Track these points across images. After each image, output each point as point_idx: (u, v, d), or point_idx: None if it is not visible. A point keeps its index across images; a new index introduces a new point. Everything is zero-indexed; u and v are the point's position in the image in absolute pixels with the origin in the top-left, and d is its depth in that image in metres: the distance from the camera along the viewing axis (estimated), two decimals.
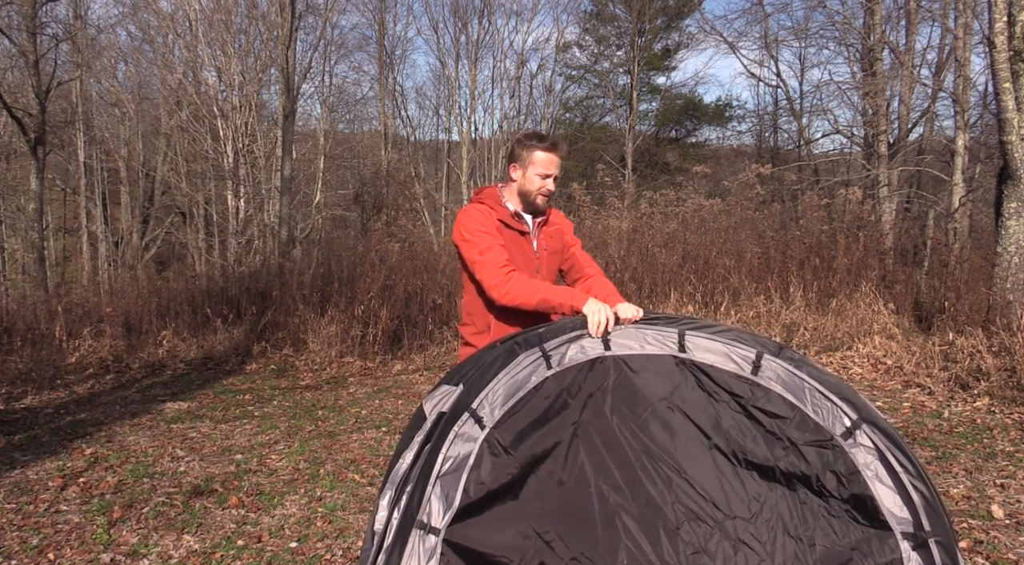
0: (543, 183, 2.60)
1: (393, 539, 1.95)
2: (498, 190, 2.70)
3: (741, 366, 2.21)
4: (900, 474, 2.04)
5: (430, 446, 2.03)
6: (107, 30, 22.33)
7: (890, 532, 2.01)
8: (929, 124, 14.38)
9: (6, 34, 13.79)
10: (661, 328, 2.27)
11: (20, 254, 21.84)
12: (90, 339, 8.05)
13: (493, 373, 2.11)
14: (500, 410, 2.08)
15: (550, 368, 2.15)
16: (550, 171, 2.60)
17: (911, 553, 1.99)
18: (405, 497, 1.99)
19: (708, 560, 2.14)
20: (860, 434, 2.10)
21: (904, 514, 2.02)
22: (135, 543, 3.40)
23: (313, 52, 20.15)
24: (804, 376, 2.18)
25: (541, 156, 2.59)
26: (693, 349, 2.24)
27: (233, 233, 16.68)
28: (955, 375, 5.88)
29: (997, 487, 3.87)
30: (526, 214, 2.67)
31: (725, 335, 2.26)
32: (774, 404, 2.18)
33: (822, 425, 2.13)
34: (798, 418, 2.16)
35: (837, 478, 2.09)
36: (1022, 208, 6.72)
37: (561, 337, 2.20)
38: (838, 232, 8.69)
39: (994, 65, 6.73)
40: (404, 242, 9.93)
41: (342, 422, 5.51)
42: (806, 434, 2.14)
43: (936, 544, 1.97)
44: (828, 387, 2.16)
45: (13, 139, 19.77)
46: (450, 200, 22.72)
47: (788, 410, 2.17)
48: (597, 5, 23.68)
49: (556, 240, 2.75)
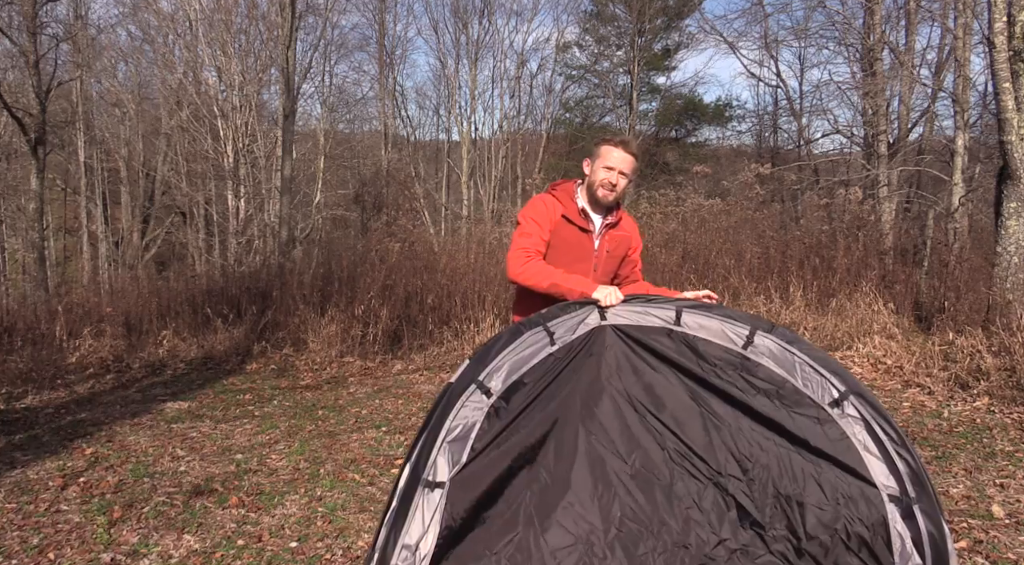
0: (607, 175, 2.70)
1: (400, 499, 2.05)
2: (575, 186, 2.82)
3: (734, 341, 2.32)
4: (886, 443, 2.11)
5: (437, 413, 2.13)
6: (107, 30, 22.35)
7: (876, 492, 2.09)
8: (929, 124, 14.39)
9: (6, 34, 13.79)
10: (661, 305, 2.40)
11: (20, 254, 21.85)
12: (90, 339, 8.05)
13: (499, 349, 2.22)
14: (505, 382, 2.20)
15: (553, 344, 2.28)
16: (615, 165, 2.70)
17: (897, 517, 2.06)
18: (412, 460, 2.09)
19: (701, 515, 2.25)
20: (848, 405, 2.17)
21: (890, 482, 2.09)
22: (135, 543, 3.40)
23: (313, 52, 20.16)
24: (796, 351, 2.26)
25: (608, 149, 2.72)
26: (688, 324, 2.37)
27: (233, 233, 16.68)
28: (955, 375, 5.88)
29: (997, 487, 3.87)
30: (596, 214, 2.78)
31: (721, 312, 2.38)
32: (763, 375, 2.28)
33: (811, 396, 2.22)
34: (787, 389, 2.25)
35: (826, 447, 2.18)
36: (1022, 208, 6.73)
37: (563, 316, 2.33)
38: (838, 232, 8.70)
39: (994, 65, 6.73)
40: (404, 242, 9.93)
41: (342, 422, 5.51)
42: (795, 405, 2.23)
43: (921, 512, 2.04)
44: (818, 361, 2.25)
45: (13, 139, 19.77)
46: (450, 200, 22.72)
47: (777, 381, 2.27)
48: (597, 5, 23.69)
49: (621, 246, 2.83)
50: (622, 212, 2.84)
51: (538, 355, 2.25)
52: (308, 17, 18.80)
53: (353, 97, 24.28)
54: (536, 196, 2.81)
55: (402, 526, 2.01)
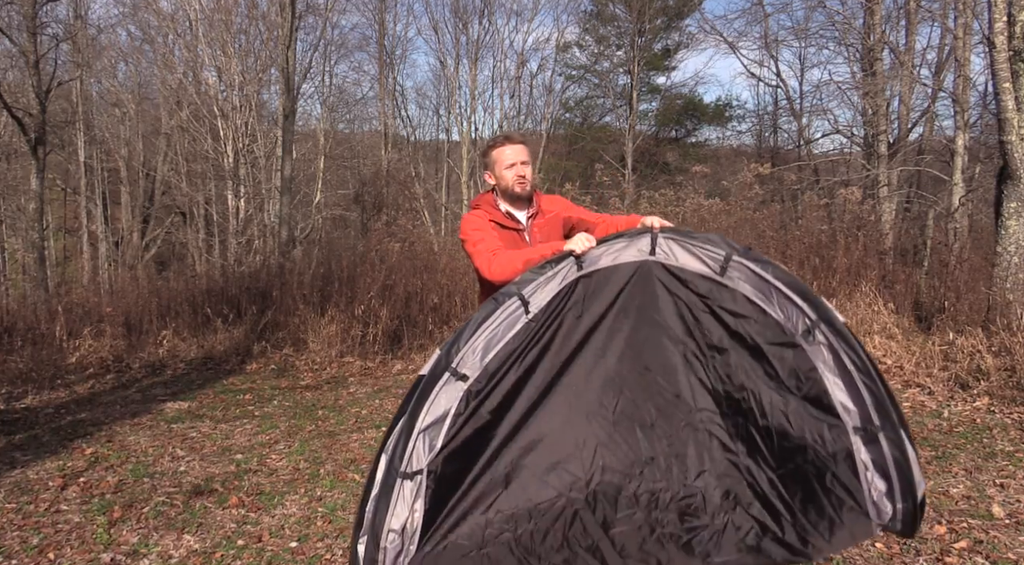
0: (513, 171, 2.80)
1: (379, 491, 2.05)
2: (492, 196, 2.94)
3: (711, 267, 2.33)
4: (852, 372, 2.15)
5: (412, 404, 2.12)
6: (107, 30, 22.34)
7: (842, 424, 2.14)
8: (929, 124, 14.39)
9: (6, 34, 13.79)
10: (635, 237, 2.38)
11: (20, 254, 21.84)
12: (90, 339, 8.05)
13: (474, 328, 2.19)
14: (481, 362, 2.18)
15: (528, 313, 2.26)
16: (514, 159, 2.81)
17: (861, 446, 2.11)
18: (388, 452, 2.08)
19: (682, 447, 2.35)
20: (818, 333, 2.20)
21: (856, 411, 2.14)
22: (135, 543, 3.40)
23: (313, 52, 20.16)
24: (770, 277, 2.28)
25: (499, 152, 2.84)
26: (663, 251, 2.37)
27: (233, 233, 16.68)
28: (955, 375, 5.88)
29: (997, 487, 3.87)
30: (519, 212, 2.88)
31: (697, 238, 2.37)
32: (738, 304, 2.31)
33: (784, 326, 2.25)
34: (761, 319, 2.28)
35: (796, 377, 2.22)
36: (1022, 208, 6.72)
37: (538, 279, 2.29)
38: (838, 232, 8.68)
39: (994, 65, 6.73)
40: (404, 242, 9.93)
41: (342, 422, 5.51)
42: (768, 334, 2.27)
43: (886, 439, 2.08)
44: (791, 287, 2.26)
45: (13, 139, 19.77)
46: (450, 200, 22.71)
47: (752, 310, 2.29)
48: (597, 5, 23.67)
49: (553, 226, 2.89)
50: (538, 197, 2.94)
51: (514, 327, 2.23)
52: (308, 17, 18.80)
53: (353, 97, 24.29)
54: (463, 217, 2.94)
55: (385, 513, 2.03)
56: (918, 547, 3.19)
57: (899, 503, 2.06)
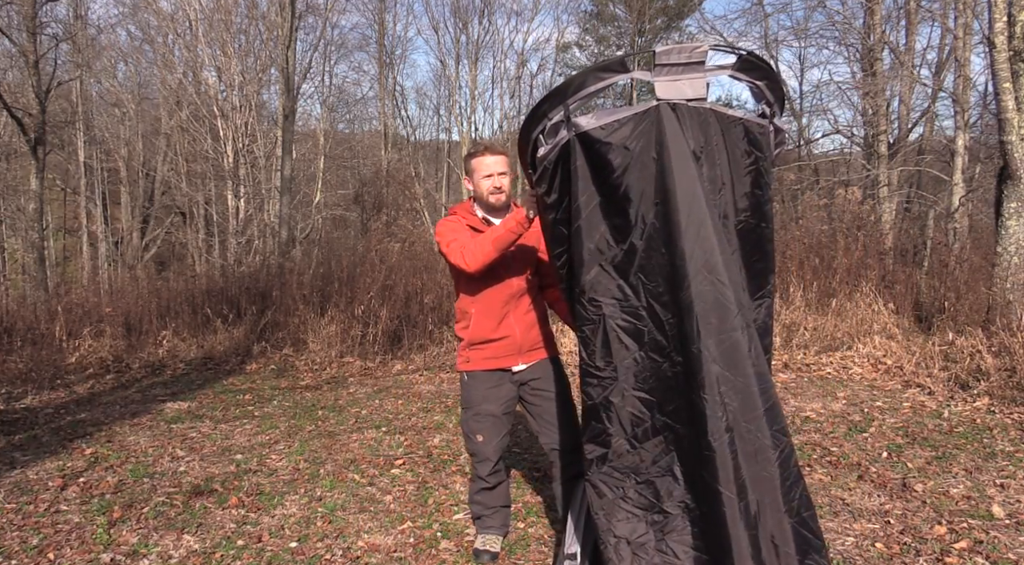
0: (490, 181, 2.89)
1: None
2: (470, 203, 3.02)
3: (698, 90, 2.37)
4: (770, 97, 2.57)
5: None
6: (107, 30, 22.39)
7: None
8: (929, 124, 14.40)
9: (6, 34, 13.80)
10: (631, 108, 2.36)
11: (20, 254, 21.84)
12: (90, 339, 8.05)
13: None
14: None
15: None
16: (491, 170, 2.89)
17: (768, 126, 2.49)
18: None
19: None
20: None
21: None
22: (135, 543, 3.40)
23: (313, 52, 20.19)
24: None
25: (479, 161, 2.91)
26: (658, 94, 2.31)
27: (233, 233, 16.68)
28: (955, 375, 5.88)
29: (997, 487, 3.87)
30: (496, 219, 2.94)
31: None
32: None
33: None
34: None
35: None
36: (1022, 208, 6.72)
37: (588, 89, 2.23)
38: (838, 232, 8.68)
39: (994, 65, 6.73)
40: (404, 242, 9.94)
41: (342, 422, 5.51)
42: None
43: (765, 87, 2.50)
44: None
45: (13, 139, 19.80)
46: (450, 200, 22.71)
47: None
48: (597, 5, 23.70)
49: (531, 235, 2.90)
50: (515, 206, 2.99)
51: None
52: (308, 17, 18.84)
53: (353, 97, 24.34)
54: (440, 221, 3.01)
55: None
56: (918, 547, 3.18)
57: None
